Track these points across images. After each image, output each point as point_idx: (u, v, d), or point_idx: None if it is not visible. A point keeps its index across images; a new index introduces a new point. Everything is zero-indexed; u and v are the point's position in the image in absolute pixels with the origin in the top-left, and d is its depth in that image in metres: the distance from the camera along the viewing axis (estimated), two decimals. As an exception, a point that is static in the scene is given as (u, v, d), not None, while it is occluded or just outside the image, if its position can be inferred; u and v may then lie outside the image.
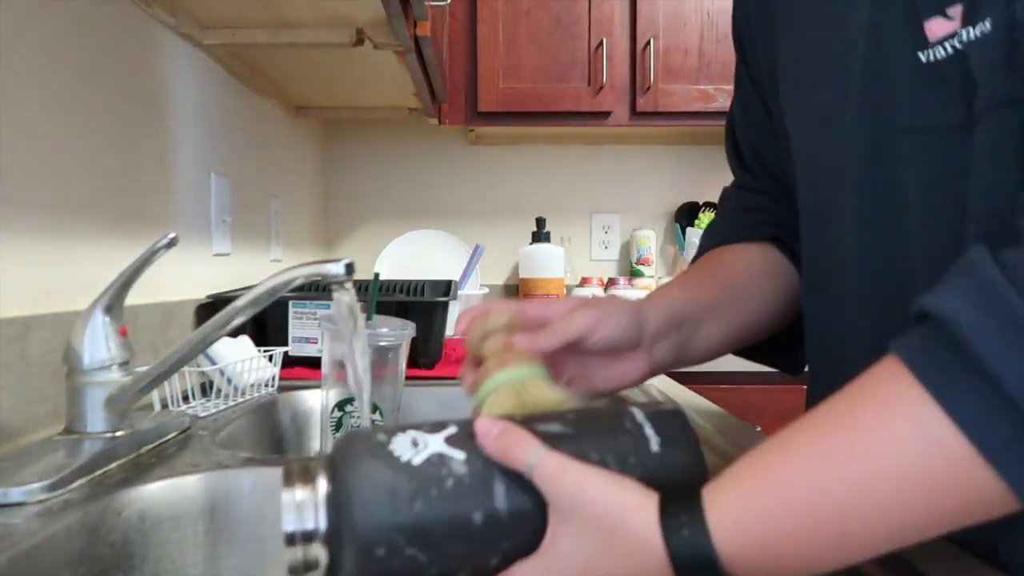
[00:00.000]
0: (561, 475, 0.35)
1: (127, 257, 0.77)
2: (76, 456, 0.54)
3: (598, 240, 2.24)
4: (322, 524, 0.35)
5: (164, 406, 0.75)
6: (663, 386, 0.96)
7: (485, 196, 2.23)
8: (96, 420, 0.59)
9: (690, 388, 0.95)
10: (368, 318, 0.74)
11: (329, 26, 1.10)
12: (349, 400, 0.72)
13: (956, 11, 0.38)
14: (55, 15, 0.76)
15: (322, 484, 0.36)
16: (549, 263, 1.89)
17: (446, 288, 1.32)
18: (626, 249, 2.22)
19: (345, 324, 0.57)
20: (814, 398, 0.60)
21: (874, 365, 0.33)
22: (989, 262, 0.30)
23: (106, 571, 0.48)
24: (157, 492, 0.54)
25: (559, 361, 0.53)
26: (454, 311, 1.69)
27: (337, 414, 0.73)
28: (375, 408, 0.74)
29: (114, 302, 0.59)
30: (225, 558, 0.56)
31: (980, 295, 0.30)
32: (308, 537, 0.35)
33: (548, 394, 0.44)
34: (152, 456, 0.60)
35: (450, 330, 1.69)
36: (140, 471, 0.56)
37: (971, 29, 0.37)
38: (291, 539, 0.35)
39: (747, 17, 0.65)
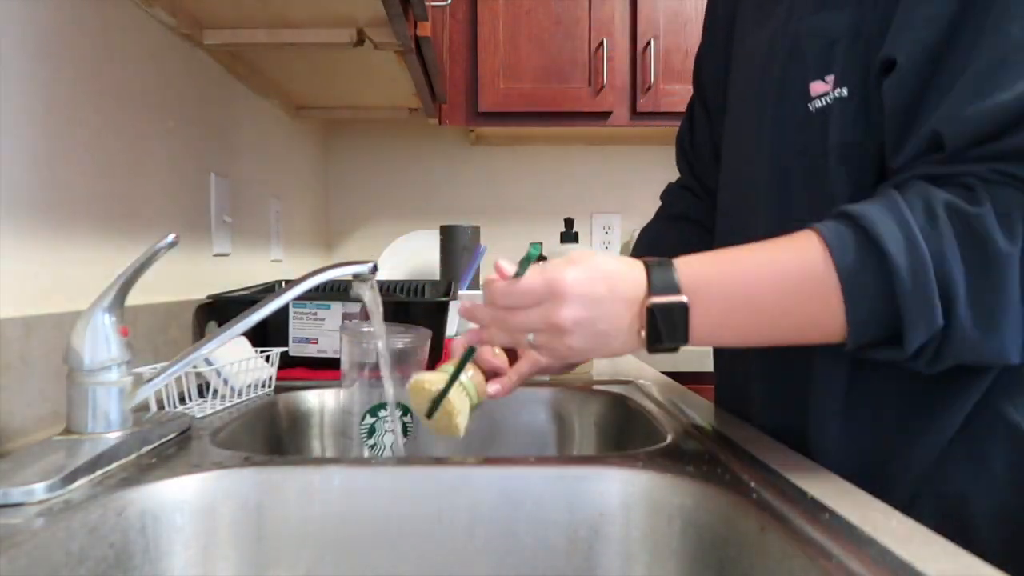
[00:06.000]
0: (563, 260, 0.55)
1: (127, 257, 0.77)
2: (77, 456, 0.54)
3: (599, 240, 2.24)
4: None
5: (160, 407, 0.75)
6: (664, 386, 0.96)
7: (486, 196, 2.24)
8: (97, 421, 0.59)
9: (690, 388, 0.95)
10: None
11: (329, 26, 1.10)
12: (381, 406, 0.72)
13: (830, 79, 0.59)
14: (55, 15, 0.76)
15: None
16: None
17: (446, 288, 1.32)
18: (627, 249, 2.22)
19: (374, 321, 0.68)
20: (719, 374, 0.83)
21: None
22: (896, 194, 0.51)
23: (106, 571, 0.48)
24: (157, 492, 0.54)
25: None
26: (454, 311, 1.69)
27: (369, 420, 0.73)
28: (406, 411, 0.74)
29: (115, 302, 0.59)
30: (225, 558, 0.56)
31: (886, 204, 0.50)
32: None
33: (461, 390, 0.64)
34: (152, 456, 0.60)
35: (450, 330, 1.69)
36: (140, 471, 0.56)
37: (834, 92, 0.58)
38: None
39: (711, 55, 0.86)
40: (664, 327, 0.52)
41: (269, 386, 0.91)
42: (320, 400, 0.94)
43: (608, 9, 1.87)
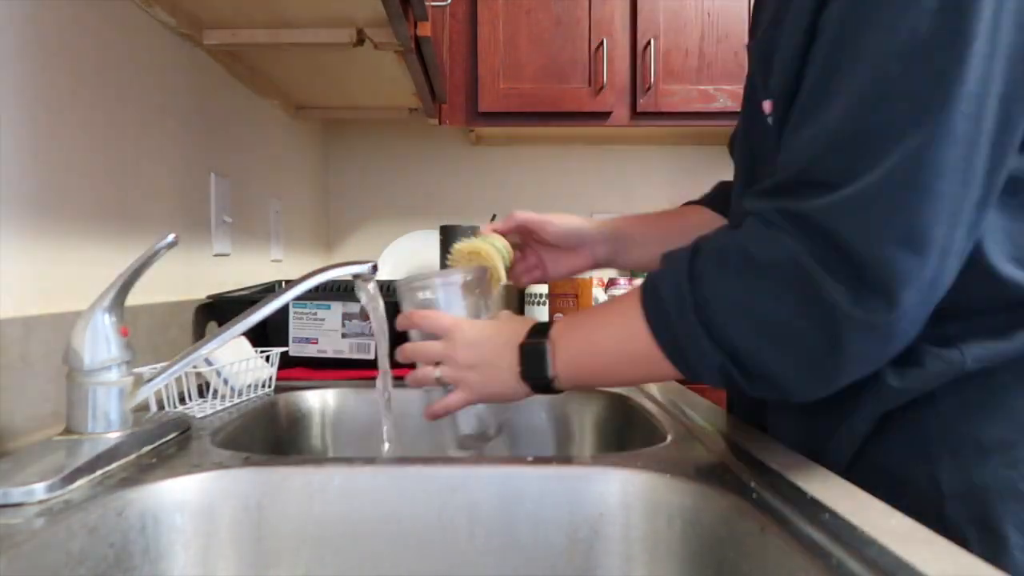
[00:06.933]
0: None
1: (127, 257, 0.77)
2: (77, 456, 0.54)
3: (598, 240, 2.24)
4: None
5: (161, 407, 0.75)
6: (664, 386, 0.96)
7: (486, 197, 2.23)
8: (97, 421, 0.59)
9: (690, 388, 0.95)
10: None
11: (329, 26, 1.10)
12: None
13: (769, 102, 0.62)
14: (55, 15, 0.76)
15: None
16: None
17: (446, 288, 1.32)
18: (626, 249, 2.22)
19: (371, 309, 0.70)
20: None
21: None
22: (693, 246, 0.56)
23: (106, 571, 0.48)
24: (157, 492, 0.54)
25: (524, 250, 0.87)
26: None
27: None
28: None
29: (115, 302, 0.59)
30: (225, 558, 0.56)
31: (672, 262, 0.56)
32: None
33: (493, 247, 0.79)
34: (152, 456, 0.60)
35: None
36: (140, 471, 0.56)
37: (771, 116, 0.62)
38: None
39: None
40: (531, 361, 0.64)
41: (269, 386, 0.91)
42: (320, 400, 0.94)
43: (608, 9, 1.87)
